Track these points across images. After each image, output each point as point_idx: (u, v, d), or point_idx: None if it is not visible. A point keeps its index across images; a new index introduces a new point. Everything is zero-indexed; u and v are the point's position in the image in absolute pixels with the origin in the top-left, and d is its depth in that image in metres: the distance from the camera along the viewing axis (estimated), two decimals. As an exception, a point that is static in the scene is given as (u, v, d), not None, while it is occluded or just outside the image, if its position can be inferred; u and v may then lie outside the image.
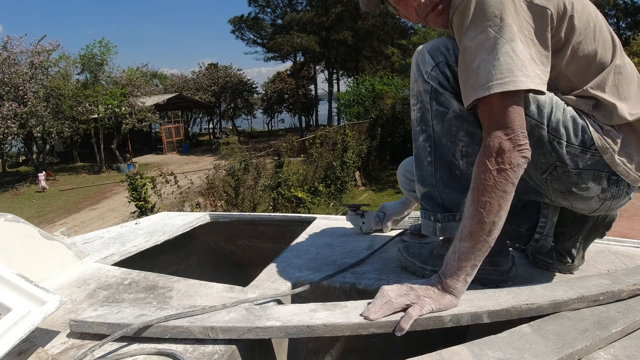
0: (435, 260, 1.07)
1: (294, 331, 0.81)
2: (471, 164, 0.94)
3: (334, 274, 1.11)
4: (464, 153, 0.95)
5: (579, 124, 0.87)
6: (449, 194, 0.98)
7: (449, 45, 0.94)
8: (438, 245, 1.11)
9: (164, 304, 0.98)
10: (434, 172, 0.98)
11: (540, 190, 0.98)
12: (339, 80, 32.13)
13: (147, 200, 6.96)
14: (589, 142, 0.87)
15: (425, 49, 0.96)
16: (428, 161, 0.99)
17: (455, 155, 0.95)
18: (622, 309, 0.83)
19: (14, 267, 0.89)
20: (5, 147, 18.18)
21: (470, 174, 0.94)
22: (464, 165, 0.95)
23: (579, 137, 0.87)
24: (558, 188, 0.93)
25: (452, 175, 0.97)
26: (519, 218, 1.09)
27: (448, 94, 0.92)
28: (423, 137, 0.99)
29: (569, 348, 0.70)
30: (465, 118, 0.93)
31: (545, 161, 0.90)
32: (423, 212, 1.03)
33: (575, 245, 1.08)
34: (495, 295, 0.87)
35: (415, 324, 0.80)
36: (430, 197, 1.01)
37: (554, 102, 0.88)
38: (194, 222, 1.78)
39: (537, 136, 0.88)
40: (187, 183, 8.29)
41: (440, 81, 0.93)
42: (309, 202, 10.20)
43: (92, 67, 18.48)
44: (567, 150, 0.87)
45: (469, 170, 0.95)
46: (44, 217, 11.94)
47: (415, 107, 1.00)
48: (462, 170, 0.96)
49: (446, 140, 0.95)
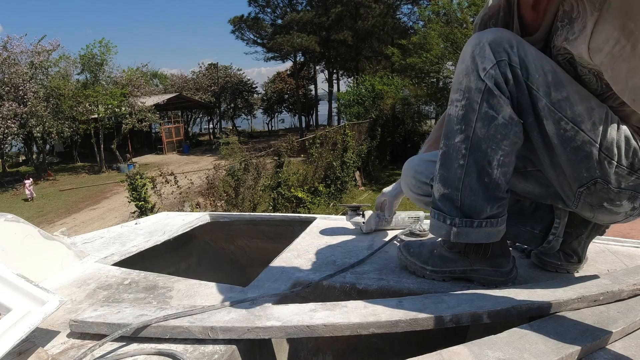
0: (435, 260, 1.07)
1: (293, 331, 0.81)
2: (504, 174, 0.90)
3: (334, 274, 1.11)
4: (501, 163, 0.89)
5: (632, 145, 0.84)
6: (473, 200, 0.93)
7: (513, 42, 0.85)
8: (438, 245, 1.10)
9: (164, 304, 0.98)
10: (464, 176, 0.92)
11: (566, 199, 0.94)
12: (339, 80, 32.16)
13: (147, 200, 6.97)
14: (637, 165, 0.85)
15: (486, 41, 0.86)
16: (459, 164, 0.92)
17: (491, 163, 0.90)
18: (622, 309, 0.83)
19: (14, 267, 0.89)
20: (5, 147, 18.19)
21: (499, 184, 0.91)
22: (497, 175, 0.90)
23: (629, 159, 0.85)
24: (590, 201, 0.90)
25: (480, 182, 0.92)
26: (532, 220, 1.07)
27: (503, 98, 0.85)
28: (460, 137, 0.91)
29: (569, 348, 0.70)
30: (514, 126, 0.86)
31: (587, 175, 0.86)
32: (436, 214, 0.98)
33: (580, 244, 1.07)
34: (495, 295, 0.87)
35: (415, 324, 0.80)
36: (449, 199, 0.95)
37: (610, 118, 0.84)
38: (194, 222, 1.78)
39: (587, 151, 0.84)
40: (187, 183, 8.29)
41: (498, 82, 0.85)
42: (309, 202, 10.20)
43: (92, 67, 18.48)
44: (615, 171, 0.85)
45: (499, 180, 0.90)
46: (44, 217, 11.95)
47: (459, 104, 0.90)
48: (493, 179, 0.91)
49: (486, 146, 0.89)
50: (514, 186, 1.03)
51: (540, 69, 0.84)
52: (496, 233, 0.95)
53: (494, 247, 1.01)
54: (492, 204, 0.92)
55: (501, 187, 0.92)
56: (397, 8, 27.32)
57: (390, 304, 0.87)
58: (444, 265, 1.05)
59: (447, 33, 14.06)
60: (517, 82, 0.84)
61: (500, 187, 0.92)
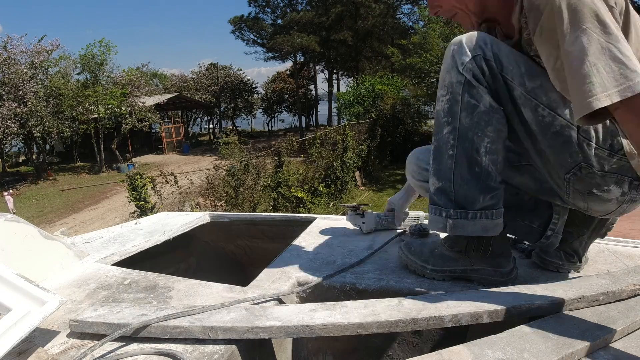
0: (436, 259, 1.07)
1: (293, 331, 0.81)
2: (493, 162, 0.95)
3: (334, 274, 1.11)
4: (488, 149, 0.94)
5: (608, 127, 0.87)
6: (466, 190, 0.97)
7: (487, 40, 0.93)
8: (439, 244, 1.10)
9: (164, 304, 0.98)
10: (454, 166, 0.97)
11: (559, 191, 0.97)
12: (339, 80, 32.15)
13: (147, 200, 6.97)
14: (617, 146, 0.87)
15: (462, 40, 0.95)
16: (449, 154, 0.97)
17: (479, 150, 0.95)
18: (622, 309, 0.83)
19: (14, 267, 0.89)
20: (5, 147, 18.19)
21: (490, 172, 0.95)
22: (486, 162, 0.95)
23: (608, 141, 0.87)
24: (579, 189, 0.93)
25: (471, 171, 0.96)
26: (532, 214, 1.09)
27: (482, 87, 0.93)
28: (448, 129, 0.97)
29: (569, 348, 0.70)
30: (495, 113, 0.93)
31: (571, 161, 0.90)
32: (433, 208, 1.02)
33: (582, 244, 1.08)
34: (495, 295, 0.87)
35: (415, 324, 0.80)
36: (444, 192, 0.99)
37: None
38: (194, 222, 1.78)
39: (566, 136, 0.88)
40: (187, 183, 8.29)
41: (475, 74, 0.92)
42: (309, 202, 10.20)
43: (92, 67, 18.49)
44: (595, 153, 0.88)
45: (489, 168, 0.95)
46: (44, 217, 11.94)
47: (444, 99, 0.98)
48: (483, 167, 0.95)
49: (472, 134, 0.94)
50: (511, 179, 1.08)
51: (513, 61, 0.92)
52: (493, 226, 0.97)
53: (494, 245, 1.01)
54: (485, 193, 0.96)
55: (492, 176, 0.96)
56: (397, 8, 27.33)
57: (390, 304, 0.87)
58: (445, 264, 1.05)
59: (447, 33, 14.07)
60: (492, 73, 0.92)
61: (491, 176, 0.96)
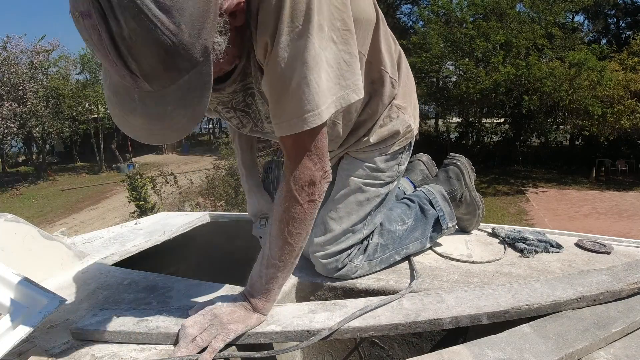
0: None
1: (293, 336, 0.81)
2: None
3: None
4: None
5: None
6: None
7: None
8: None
9: (164, 304, 0.98)
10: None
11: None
12: (338, 80, 32.09)
13: (147, 200, 6.98)
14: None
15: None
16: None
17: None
18: (622, 308, 0.83)
19: (14, 267, 0.89)
20: (5, 147, 18.19)
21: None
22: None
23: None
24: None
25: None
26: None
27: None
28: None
29: (569, 348, 0.70)
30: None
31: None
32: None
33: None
34: (495, 295, 0.87)
35: (415, 327, 0.80)
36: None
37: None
38: (194, 222, 1.78)
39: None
40: (187, 183, 8.30)
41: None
42: (309, 202, 10.17)
43: (92, 67, 18.48)
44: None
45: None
46: (44, 217, 11.95)
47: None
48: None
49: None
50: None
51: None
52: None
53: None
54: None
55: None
56: (397, 8, 27.32)
57: (390, 304, 0.87)
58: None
59: (447, 33, 14.06)
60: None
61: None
